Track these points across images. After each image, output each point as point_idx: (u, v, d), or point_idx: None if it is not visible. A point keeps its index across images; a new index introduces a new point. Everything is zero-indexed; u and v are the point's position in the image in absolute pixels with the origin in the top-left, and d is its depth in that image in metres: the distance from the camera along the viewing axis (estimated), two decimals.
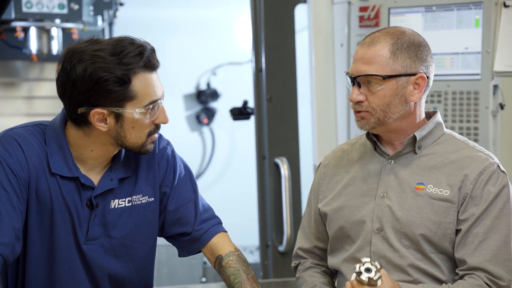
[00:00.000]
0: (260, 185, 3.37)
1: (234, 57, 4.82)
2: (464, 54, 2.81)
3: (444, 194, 1.84)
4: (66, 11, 3.67)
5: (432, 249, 1.84)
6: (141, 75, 1.74)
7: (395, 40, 1.84)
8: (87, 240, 1.85)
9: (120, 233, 1.88)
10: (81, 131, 1.80)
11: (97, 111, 1.74)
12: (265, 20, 3.31)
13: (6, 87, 4.05)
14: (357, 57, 1.86)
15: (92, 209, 1.84)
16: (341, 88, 3.17)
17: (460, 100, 2.83)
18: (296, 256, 2.09)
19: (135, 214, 1.89)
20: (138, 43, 1.75)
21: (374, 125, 1.86)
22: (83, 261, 1.86)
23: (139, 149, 1.81)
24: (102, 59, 1.71)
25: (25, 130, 1.82)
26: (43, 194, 1.80)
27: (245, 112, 3.59)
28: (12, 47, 3.82)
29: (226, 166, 4.93)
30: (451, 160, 1.87)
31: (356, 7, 3.04)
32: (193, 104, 4.85)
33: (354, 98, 1.85)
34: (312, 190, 2.06)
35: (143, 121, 1.77)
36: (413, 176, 1.88)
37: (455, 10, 2.82)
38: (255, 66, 3.36)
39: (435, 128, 1.92)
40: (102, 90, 1.72)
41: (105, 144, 1.81)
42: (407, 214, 1.85)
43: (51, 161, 1.80)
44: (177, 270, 3.86)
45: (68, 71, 1.73)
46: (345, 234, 1.93)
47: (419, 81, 1.86)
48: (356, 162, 1.97)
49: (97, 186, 1.84)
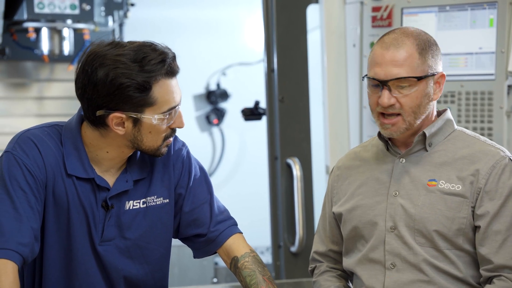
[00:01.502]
0: (272, 185, 3.36)
1: (244, 58, 4.82)
2: (478, 54, 2.79)
3: (456, 189, 1.84)
4: (78, 12, 3.67)
5: (447, 245, 1.84)
6: (162, 81, 1.75)
7: (418, 40, 1.84)
8: (102, 241, 1.85)
9: (135, 234, 1.88)
10: (98, 132, 1.80)
11: (116, 115, 1.75)
12: (277, 20, 3.30)
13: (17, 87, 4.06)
14: (384, 60, 1.83)
15: (107, 210, 1.84)
16: (353, 88, 3.16)
17: (474, 101, 2.82)
18: (312, 260, 2.10)
19: (150, 216, 1.89)
20: (160, 49, 1.75)
21: (404, 130, 1.86)
22: (98, 262, 1.86)
23: (154, 152, 1.82)
24: (124, 65, 1.72)
25: (41, 131, 1.83)
26: (60, 195, 1.81)
27: (257, 112, 3.58)
28: (24, 48, 3.83)
29: (236, 166, 4.93)
30: (462, 155, 1.87)
31: (369, 7, 3.03)
32: (203, 104, 4.85)
33: (386, 102, 1.83)
34: (326, 194, 2.07)
35: (160, 126, 1.78)
36: (425, 173, 1.88)
37: (469, 10, 2.80)
38: (267, 67, 3.36)
39: (445, 125, 1.92)
40: (123, 96, 1.72)
41: (121, 146, 1.82)
42: (420, 211, 1.85)
43: (67, 162, 1.81)
44: (188, 270, 3.86)
45: (89, 74, 1.73)
46: (358, 234, 1.93)
47: (440, 79, 1.87)
48: (369, 163, 1.97)
49: (112, 187, 1.84)
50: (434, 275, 1.84)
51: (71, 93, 4.17)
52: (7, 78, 4.01)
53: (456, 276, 1.85)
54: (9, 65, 3.98)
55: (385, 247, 1.87)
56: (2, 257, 1.71)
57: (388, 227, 1.88)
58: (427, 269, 1.84)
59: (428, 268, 1.84)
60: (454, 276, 1.85)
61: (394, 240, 1.87)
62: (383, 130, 1.87)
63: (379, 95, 1.84)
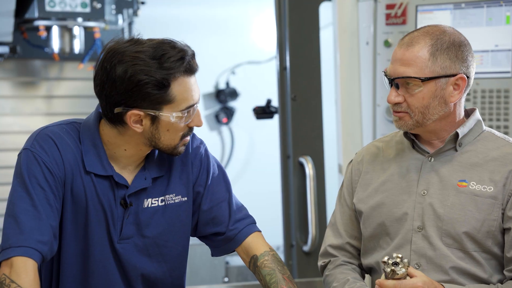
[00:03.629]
0: (285, 184, 3.35)
1: (253, 56, 4.80)
2: (494, 52, 2.77)
3: (488, 190, 1.81)
4: (89, 10, 3.66)
5: (476, 247, 1.82)
6: (180, 79, 1.73)
7: (434, 40, 1.81)
8: (121, 239, 1.84)
9: (153, 232, 1.86)
10: (116, 130, 1.79)
11: (134, 113, 1.74)
12: (290, 18, 3.29)
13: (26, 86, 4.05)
14: (395, 58, 1.83)
15: (125, 208, 1.83)
16: (366, 86, 3.14)
17: (490, 99, 2.79)
18: (325, 255, 2.03)
19: (168, 214, 1.88)
20: (179, 47, 1.74)
21: (412, 126, 1.84)
22: (116, 260, 1.85)
23: (171, 150, 1.81)
24: (143, 62, 1.70)
25: (60, 129, 1.82)
26: (78, 192, 1.80)
27: (269, 111, 3.57)
28: (34, 46, 3.81)
29: (245, 165, 4.91)
30: (493, 157, 1.85)
31: (383, 4, 3.01)
32: (212, 103, 4.84)
33: (392, 100, 1.83)
34: (345, 186, 2.02)
35: (178, 125, 1.76)
36: (455, 173, 1.85)
37: (484, 7, 2.78)
38: (279, 65, 3.34)
39: (475, 125, 1.89)
40: (141, 93, 1.71)
41: (139, 144, 1.80)
42: (449, 211, 1.82)
43: (86, 160, 1.80)
44: (199, 270, 3.85)
45: (108, 71, 1.72)
46: (384, 231, 1.90)
47: (459, 81, 1.83)
48: (393, 159, 1.94)
49: (130, 185, 1.83)
50: (458, 277, 1.82)
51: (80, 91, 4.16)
52: (16, 77, 4.00)
53: (481, 278, 1.83)
54: (19, 63, 3.97)
55: (411, 246, 1.85)
56: (22, 254, 1.70)
57: (415, 227, 1.86)
58: (451, 271, 1.82)
59: (454, 270, 1.82)
60: (478, 278, 1.83)
61: (420, 240, 1.84)
62: (394, 122, 1.87)
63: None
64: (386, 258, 1.68)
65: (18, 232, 1.71)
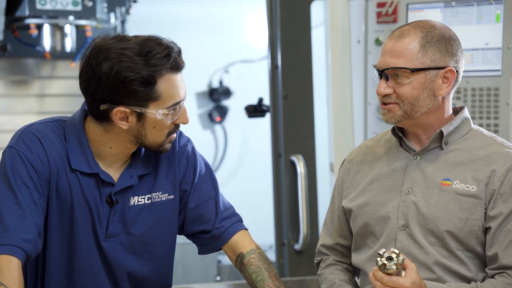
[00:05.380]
0: (276, 183, 3.34)
1: (246, 55, 4.80)
2: (484, 50, 2.77)
3: (471, 190, 1.81)
4: (80, 8, 3.65)
5: (459, 246, 1.82)
6: (166, 76, 1.73)
7: (425, 33, 1.82)
8: (107, 237, 1.83)
9: (140, 230, 1.86)
10: (101, 127, 1.79)
11: (120, 110, 1.73)
12: (281, 16, 3.28)
13: (18, 85, 4.04)
14: (385, 50, 1.84)
15: (111, 206, 1.82)
16: (358, 85, 3.14)
17: (480, 97, 2.79)
18: (318, 253, 2.07)
19: (155, 212, 1.87)
20: (166, 44, 1.74)
21: (401, 118, 1.84)
22: (102, 259, 1.84)
23: (157, 148, 1.80)
24: (128, 59, 1.70)
25: (45, 126, 1.81)
26: (63, 190, 1.79)
27: (261, 109, 3.57)
28: (25, 45, 3.81)
29: (239, 164, 4.91)
30: (478, 156, 1.84)
31: (374, 3, 3.01)
32: (205, 102, 4.83)
33: (382, 91, 1.83)
34: (336, 187, 2.04)
35: (164, 122, 1.76)
36: (439, 172, 1.85)
37: (475, 5, 2.78)
38: (270, 63, 3.33)
39: (462, 123, 1.89)
40: (127, 90, 1.71)
41: (124, 142, 1.80)
42: (432, 210, 1.82)
43: (71, 157, 1.79)
44: (191, 268, 3.84)
45: (94, 67, 1.71)
46: (369, 230, 1.91)
47: (448, 74, 1.83)
48: (381, 158, 1.94)
49: (116, 182, 1.83)
50: (443, 274, 1.82)
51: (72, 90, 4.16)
52: (8, 75, 3.99)
53: (466, 277, 1.82)
54: (10, 62, 3.96)
55: (396, 245, 1.85)
56: (6, 253, 1.69)
57: (400, 225, 1.86)
58: (437, 269, 1.82)
59: (438, 268, 1.82)
60: (463, 277, 1.82)
61: (405, 238, 1.85)
62: (382, 116, 1.86)
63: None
64: (382, 251, 1.68)
65: (2, 230, 1.71)
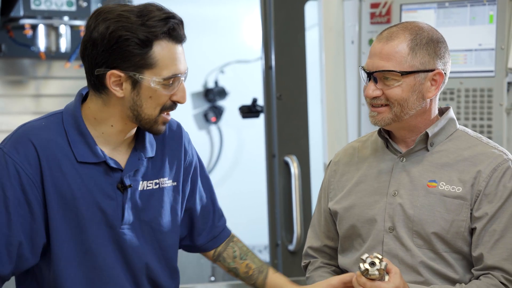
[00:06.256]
0: (270, 183, 3.34)
1: (242, 55, 4.80)
2: (477, 51, 2.78)
3: (457, 191, 1.81)
4: (75, 9, 3.64)
5: (446, 248, 1.82)
6: (163, 42, 1.69)
7: (414, 35, 1.81)
8: (123, 225, 1.76)
9: (150, 216, 1.81)
10: (101, 100, 1.73)
11: (114, 73, 1.68)
12: (275, 17, 3.28)
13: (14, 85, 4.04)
14: (374, 52, 1.83)
15: (124, 191, 1.76)
16: (352, 85, 3.14)
17: (474, 98, 2.80)
18: (306, 255, 2.06)
19: (163, 198, 1.83)
20: (166, 10, 1.72)
21: (390, 121, 1.83)
22: (119, 251, 1.77)
23: (151, 124, 1.74)
24: (126, 19, 1.66)
25: (38, 124, 1.75)
26: (64, 187, 1.72)
27: (255, 110, 3.57)
28: (20, 45, 3.80)
29: (234, 164, 4.91)
30: (464, 157, 1.84)
31: (367, 3, 3.01)
32: (200, 102, 4.83)
33: (370, 94, 1.83)
34: (322, 188, 2.03)
35: (160, 93, 1.70)
36: (425, 174, 1.85)
37: (468, 6, 2.78)
38: (264, 64, 3.33)
39: (447, 124, 1.89)
40: (121, 51, 1.66)
41: (123, 118, 1.74)
42: (418, 212, 1.82)
43: (75, 150, 1.73)
44: (186, 269, 3.84)
45: (92, 30, 1.68)
46: (356, 233, 1.90)
47: (437, 77, 1.84)
48: (367, 160, 1.94)
49: (125, 166, 1.77)
50: (430, 277, 1.82)
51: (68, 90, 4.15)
52: (4, 76, 3.99)
53: (453, 279, 1.82)
54: (5, 62, 3.96)
55: (383, 247, 1.85)
56: None
57: (386, 228, 1.85)
58: (424, 272, 1.82)
59: (425, 271, 1.82)
60: (450, 279, 1.82)
61: (392, 241, 1.84)
62: (370, 118, 1.86)
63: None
64: (365, 256, 1.68)
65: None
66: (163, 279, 1.85)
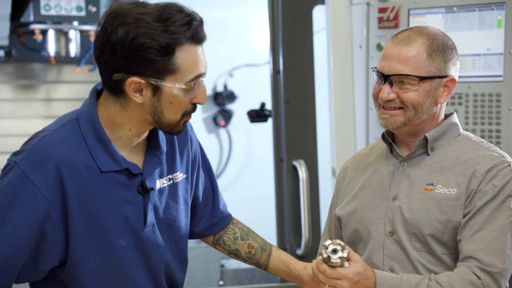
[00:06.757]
0: (278, 188, 3.34)
1: (251, 59, 4.80)
2: (486, 56, 2.76)
3: (452, 193, 1.81)
4: (84, 14, 3.67)
5: (443, 250, 1.81)
6: (186, 47, 1.59)
7: (431, 41, 1.81)
8: (146, 228, 1.72)
9: (167, 214, 1.77)
10: (118, 104, 1.64)
11: (134, 80, 1.59)
12: (283, 21, 3.28)
13: (25, 89, 4.06)
14: (391, 55, 1.82)
15: (144, 195, 1.71)
16: (360, 89, 3.14)
17: (482, 102, 2.79)
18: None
19: (175, 192, 1.79)
20: (187, 12, 1.60)
21: (401, 124, 1.83)
22: (142, 255, 1.72)
23: (172, 128, 1.66)
24: (146, 24, 1.56)
25: (56, 135, 1.65)
26: (87, 199, 1.64)
27: (263, 114, 3.57)
28: (30, 50, 3.83)
29: (243, 168, 4.91)
30: (462, 160, 1.84)
31: (375, 8, 3.00)
32: (210, 106, 4.83)
33: (385, 97, 1.82)
34: (333, 196, 2.05)
35: (182, 98, 1.61)
36: (424, 177, 1.86)
37: (476, 11, 2.77)
38: (272, 68, 3.34)
39: (449, 129, 1.89)
40: (143, 58, 1.57)
41: (142, 122, 1.66)
42: (415, 215, 1.83)
43: (98, 160, 1.64)
44: (195, 273, 3.85)
45: (109, 33, 1.57)
46: (358, 237, 1.91)
47: (449, 83, 1.85)
48: (372, 165, 1.95)
49: (144, 169, 1.70)
50: None
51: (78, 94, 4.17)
52: (14, 80, 4.02)
53: None
54: (16, 67, 3.98)
55: (384, 251, 1.85)
56: None
57: (387, 232, 1.86)
58: (424, 274, 1.81)
59: (426, 273, 1.81)
60: None
61: (392, 245, 1.85)
62: (381, 120, 1.85)
63: (382, 88, 1.83)
64: (327, 243, 1.67)
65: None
66: (178, 272, 1.81)
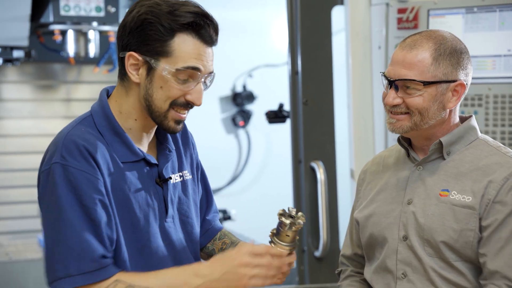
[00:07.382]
0: (296, 189, 3.33)
1: (270, 59, 4.79)
2: (506, 57, 2.73)
3: (467, 200, 1.79)
4: (103, 14, 3.68)
5: (456, 257, 1.79)
6: (187, 36, 1.68)
7: (437, 45, 1.79)
8: (168, 218, 1.76)
9: (183, 209, 1.82)
10: (124, 90, 1.73)
11: (132, 55, 1.68)
12: (302, 22, 3.27)
13: (45, 89, 4.09)
14: (396, 60, 1.82)
15: (162, 186, 1.76)
16: (378, 91, 3.11)
17: (502, 104, 2.75)
18: (340, 263, 2.08)
19: (188, 190, 1.85)
20: (201, 9, 1.71)
21: (408, 129, 1.82)
22: (169, 245, 1.76)
23: (161, 119, 1.71)
24: (157, 6, 1.68)
25: (78, 130, 1.70)
26: (116, 186, 1.70)
27: (281, 115, 3.56)
28: (50, 50, 3.85)
29: (262, 168, 4.90)
30: (478, 166, 1.82)
31: (395, 8, 2.98)
32: (229, 106, 4.83)
33: (390, 102, 1.82)
34: (355, 198, 2.05)
35: (171, 85, 1.68)
36: (439, 183, 1.84)
37: (497, 11, 2.74)
38: (291, 69, 3.32)
39: (466, 133, 1.86)
40: (143, 34, 1.67)
41: (142, 111, 1.73)
42: (429, 221, 1.81)
43: (115, 152, 1.71)
44: None
45: (127, 15, 1.71)
46: (375, 241, 1.91)
47: (458, 88, 1.82)
48: (390, 168, 1.94)
49: (159, 160, 1.78)
50: (444, 286, 1.80)
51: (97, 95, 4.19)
52: (34, 80, 4.05)
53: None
54: (36, 67, 4.02)
55: (397, 256, 1.84)
56: (107, 276, 1.64)
57: (400, 236, 1.85)
58: (436, 280, 1.80)
59: (438, 279, 1.80)
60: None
61: (405, 249, 1.84)
62: (388, 125, 1.85)
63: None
64: (282, 210, 1.67)
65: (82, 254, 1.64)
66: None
